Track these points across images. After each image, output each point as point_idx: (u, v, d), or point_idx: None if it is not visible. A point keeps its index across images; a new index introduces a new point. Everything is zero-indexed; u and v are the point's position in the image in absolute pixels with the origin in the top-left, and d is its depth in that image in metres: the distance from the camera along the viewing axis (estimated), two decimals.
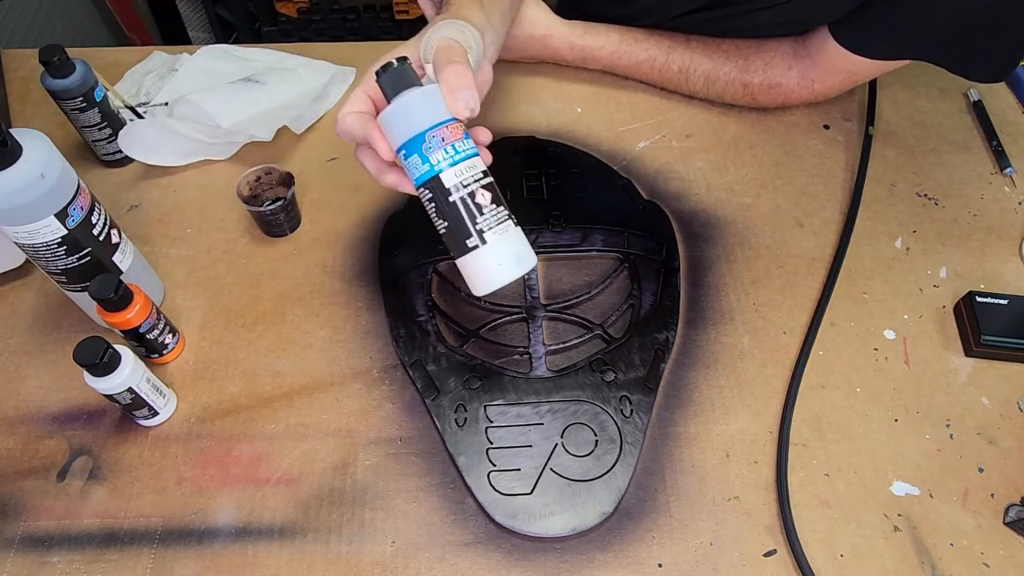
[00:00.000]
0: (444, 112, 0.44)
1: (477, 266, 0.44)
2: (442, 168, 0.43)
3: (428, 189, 0.44)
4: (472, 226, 0.44)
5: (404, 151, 0.44)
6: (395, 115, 0.44)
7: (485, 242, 0.44)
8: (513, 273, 0.44)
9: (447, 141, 0.43)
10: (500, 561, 0.50)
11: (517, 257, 0.44)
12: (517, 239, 0.45)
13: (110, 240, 0.54)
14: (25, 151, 0.46)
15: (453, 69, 0.43)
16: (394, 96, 0.44)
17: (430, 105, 0.44)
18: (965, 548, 0.52)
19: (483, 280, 0.45)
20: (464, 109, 0.43)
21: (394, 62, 0.44)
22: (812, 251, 0.66)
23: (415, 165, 0.44)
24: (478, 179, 0.44)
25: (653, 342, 0.59)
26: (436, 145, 0.43)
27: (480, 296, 0.45)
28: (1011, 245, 0.68)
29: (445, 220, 0.45)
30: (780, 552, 0.51)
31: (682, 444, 0.55)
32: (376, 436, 0.55)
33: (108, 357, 0.48)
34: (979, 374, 0.60)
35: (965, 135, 0.76)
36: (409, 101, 0.44)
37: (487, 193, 0.44)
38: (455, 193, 0.44)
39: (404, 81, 0.44)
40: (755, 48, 0.73)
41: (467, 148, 0.44)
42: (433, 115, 0.43)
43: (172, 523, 0.51)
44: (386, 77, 0.44)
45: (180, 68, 0.77)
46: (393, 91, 0.44)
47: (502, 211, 0.45)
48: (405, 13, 1.69)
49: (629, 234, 0.65)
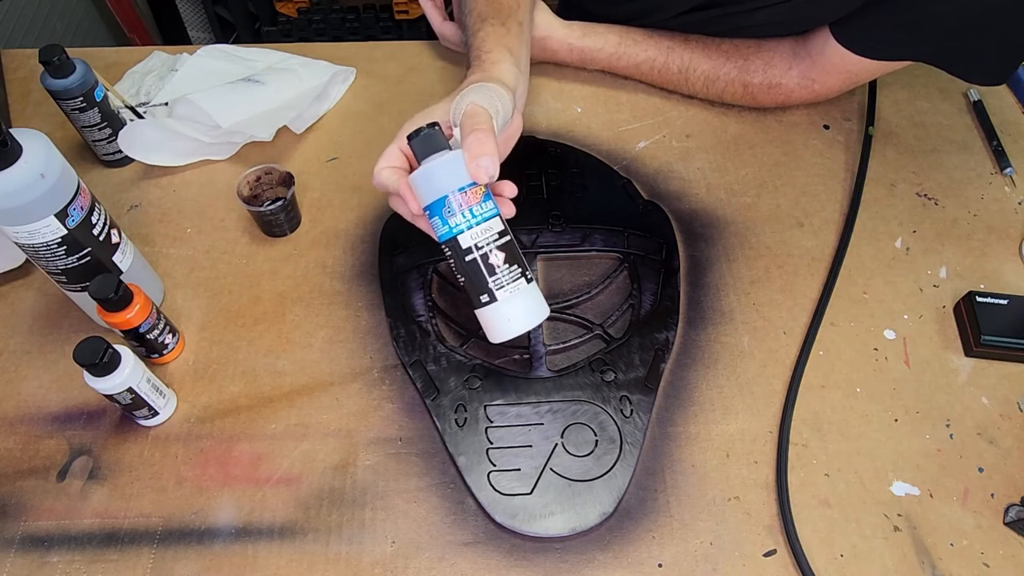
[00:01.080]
0: (465, 177, 0.47)
1: (491, 319, 0.49)
2: (460, 230, 0.47)
3: (448, 247, 0.49)
4: (484, 284, 0.48)
5: (429, 211, 0.48)
6: (422, 179, 0.48)
7: (496, 299, 0.48)
8: (522, 327, 0.49)
9: (465, 205, 0.47)
10: (500, 561, 0.50)
11: (526, 313, 0.49)
12: (528, 296, 0.49)
13: (110, 240, 0.54)
14: (25, 151, 0.46)
15: (476, 137, 0.46)
16: (422, 159, 0.48)
17: (452, 171, 0.47)
18: (965, 548, 0.52)
19: (495, 331, 0.49)
20: (483, 176, 0.46)
21: (424, 128, 0.48)
22: (812, 251, 0.66)
23: (437, 225, 0.48)
24: (493, 240, 0.48)
25: (653, 342, 0.59)
26: (455, 209, 0.47)
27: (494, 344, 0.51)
28: (1011, 245, 0.68)
29: (462, 276, 0.49)
30: (780, 552, 0.51)
31: (682, 444, 0.55)
32: (376, 436, 0.55)
33: (108, 357, 0.48)
34: (979, 374, 0.60)
35: (965, 135, 0.76)
36: (434, 167, 0.47)
37: (501, 253, 0.48)
38: (470, 254, 0.48)
39: (432, 146, 0.48)
40: (755, 48, 0.73)
41: (485, 211, 0.48)
42: (454, 181, 0.47)
43: (172, 523, 0.51)
44: (416, 142, 0.48)
45: (180, 68, 0.77)
46: (422, 154, 0.48)
47: (515, 270, 0.48)
48: (405, 13, 1.69)
49: (629, 234, 0.65)
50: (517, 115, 0.55)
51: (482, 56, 0.56)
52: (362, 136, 0.74)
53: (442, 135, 0.48)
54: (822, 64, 0.70)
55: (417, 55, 0.82)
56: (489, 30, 0.59)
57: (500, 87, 0.51)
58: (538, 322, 0.50)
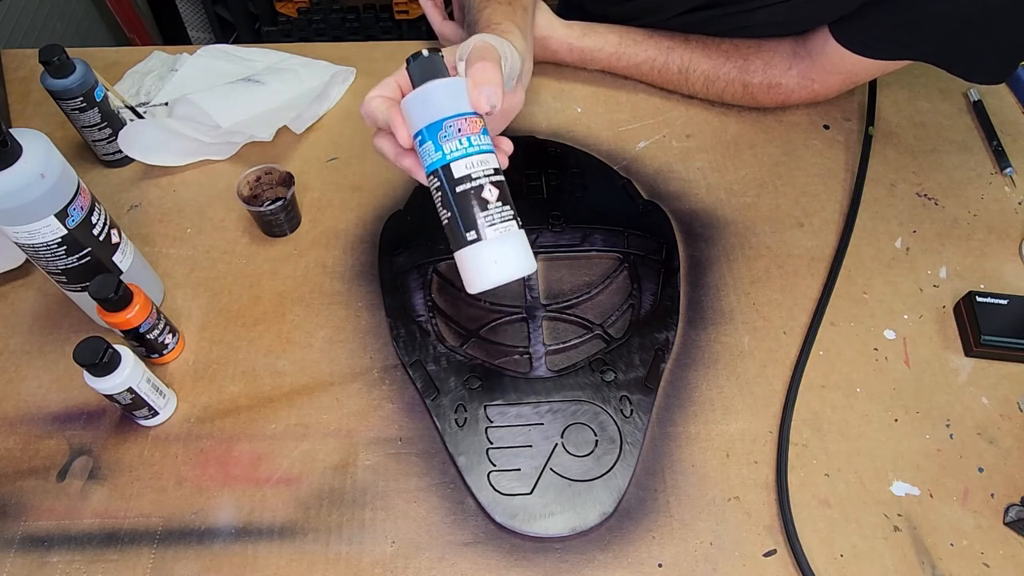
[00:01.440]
0: (465, 104, 0.44)
1: (474, 260, 0.44)
2: (454, 157, 0.43)
3: (437, 177, 0.44)
4: (474, 220, 0.44)
5: (420, 137, 0.44)
6: (417, 100, 0.45)
7: (484, 238, 0.43)
8: (509, 274, 0.44)
9: (463, 133, 0.44)
10: (500, 561, 0.50)
11: (515, 258, 0.44)
12: (518, 241, 0.45)
13: (110, 240, 0.54)
14: (25, 151, 0.46)
15: (482, 65, 0.44)
16: (420, 83, 0.45)
17: (452, 95, 0.44)
18: (965, 548, 0.52)
19: (477, 277, 0.44)
20: (485, 103, 0.44)
21: (425, 51, 0.45)
22: (812, 251, 0.66)
23: (428, 152, 0.44)
24: (488, 175, 0.44)
25: (653, 342, 0.59)
26: (452, 135, 0.44)
27: (473, 294, 0.45)
28: (1011, 245, 0.68)
29: (448, 210, 0.44)
30: (780, 552, 0.51)
31: (682, 444, 0.55)
32: (376, 436, 0.55)
33: (108, 357, 0.48)
34: (979, 374, 0.60)
35: (965, 135, 0.76)
36: (432, 88, 0.44)
37: (495, 190, 0.44)
38: (462, 184, 0.44)
39: (432, 71, 0.45)
40: (755, 48, 0.73)
41: (482, 143, 0.45)
42: (454, 105, 0.44)
43: (172, 523, 0.51)
44: (415, 65, 0.45)
45: (180, 68, 0.77)
46: (420, 79, 0.45)
47: (507, 211, 0.44)
48: (405, 13, 1.69)
49: (629, 234, 0.65)
50: (520, 89, 0.53)
51: (492, 26, 0.55)
52: (362, 136, 0.74)
53: (443, 63, 0.46)
54: (822, 64, 0.70)
55: None
56: (496, 7, 0.57)
57: (509, 44, 0.50)
58: (525, 273, 0.45)
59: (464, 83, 0.45)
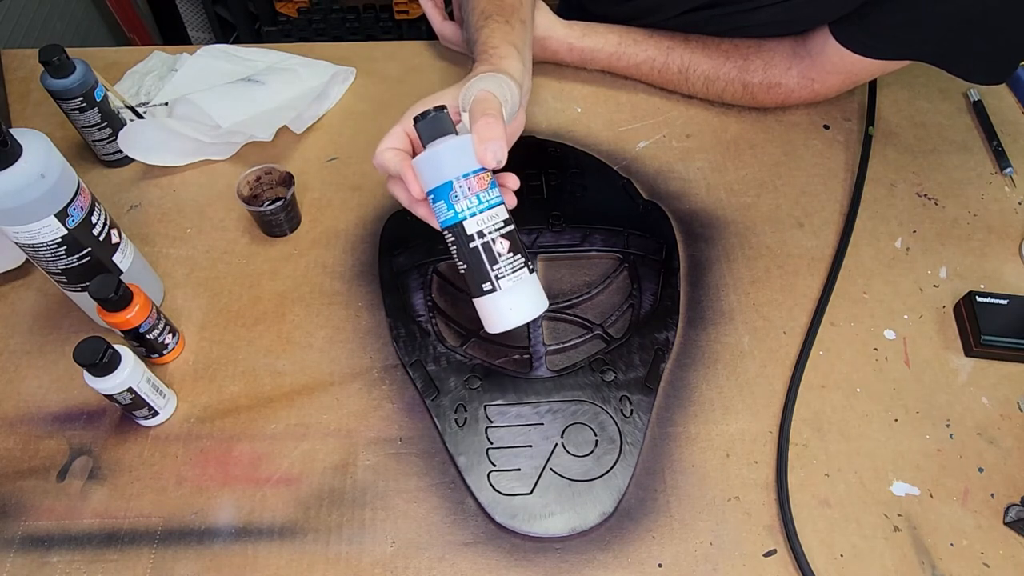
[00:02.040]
0: (473, 162, 0.47)
1: (491, 308, 0.49)
2: (465, 216, 0.47)
3: (451, 233, 0.48)
4: (488, 273, 0.48)
5: (433, 195, 0.47)
6: (427, 162, 0.47)
7: (499, 288, 0.48)
8: (523, 318, 0.49)
9: (473, 191, 0.47)
10: (500, 561, 0.50)
11: (528, 304, 0.49)
12: (530, 287, 0.49)
13: (110, 240, 0.54)
14: (25, 151, 0.46)
15: (486, 121, 0.46)
16: (428, 142, 0.47)
17: (460, 155, 0.46)
18: (965, 548, 0.52)
19: (495, 321, 0.49)
20: (492, 160, 0.46)
21: (432, 111, 0.47)
22: (812, 251, 0.66)
23: (441, 210, 0.48)
24: (499, 228, 0.48)
25: (653, 342, 0.59)
26: (462, 194, 0.47)
27: (492, 334, 0.50)
28: (1011, 245, 0.68)
29: (464, 263, 0.48)
30: (780, 552, 0.51)
31: (682, 444, 0.55)
32: (376, 436, 0.55)
33: (108, 357, 0.48)
34: (979, 374, 0.60)
35: (965, 135, 0.76)
36: (441, 151, 0.46)
37: (506, 242, 0.48)
38: (476, 240, 0.47)
39: (439, 129, 0.47)
40: (755, 48, 0.73)
41: (491, 198, 0.48)
42: (462, 165, 0.47)
43: (172, 523, 0.51)
44: (423, 124, 0.47)
45: (180, 68, 0.77)
46: (428, 138, 0.47)
47: (518, 259, 0.48)
48: (405, 13, 1.69)
49: (629, 234, 0.65)
50: (521, 111, 0.55)
51: (489, 51, 0.56)
52: (362, 136, 0.74)
53: (449, 119, 0.48)
54: (822, 64, 0.70)
55: (417, 55, 0.82)
56: (494, 27, 0.59)
57: (508, 79, 0.51)
58: (538, 314, 0.49)
59: (470, 140, 0.46)
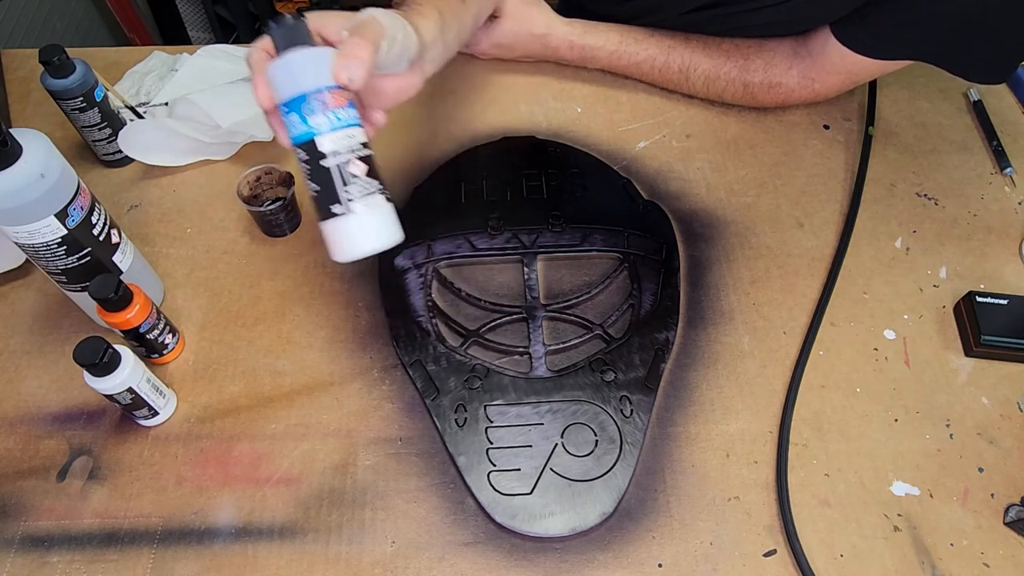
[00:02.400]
0: (331, 77, 0.43)
1: (340, 233, 0.45)
2: (320, 132, 0.43)
3: (304, 150, 0.44)
4: (341, 193, 0.44)
5: (287, 107, 0.44)
6: (280, 69, 0.43)
7: (350, 211, 0.44)
8: (374, 246, 0.45)
9: (329, 107, 0.43)
10: (500, 561, 0.50)
11: (380, 231, 0.45)
12: (385, 214, 0.45)
13: (110, 240, 0.54)
14: (25, 151, 0.46)
15: (356, 41, 0.43)
16: (283, 50, 0.43)
17: (317, 67, 0.43)
18: (965, 548, 0.52)
19: (344, 248, 0.45)
20: (345, 76, 0.42)
21: (290, 17, 0.43)
22: (812, 251, 0.66)
23: (294, 123, 0.44)
24: (355, 149, 0.44)
25: (653, 342, 0.59)
26: (317, 109, 0.43)
27: (339, 262, 0.46)
28: (1011, 245, 0.68)
29: (316, 183, 0.44)
30: (780, 552, 0.51)
31: (682, 444, 0.55)
32: (376, 436, 0.55)
33: (108, 357, 0.48)
34: (979, 374, 0.60)
35: (965, 135, 0.76)
36: (297, 59, 0.43)
37: (362, 165, 0.44)
38: (329, 159, 0.44)
39: (294, 38, 0.43)
40: (755, 48, 0.73)
41: (349, 117, 0.44)
42: (319, 78, 0.43)
43: (172, 523, 0.51)
44: (277, 31, 0.43)
45: (180, 68, 0.77)
46: (283, 45, 0.44)
47: (374, 184, 0.45)
48: None
49: (629, 234, 0.65)
50: (417, 74, 0.51)
51: (409, 3, 0.53)
52: None
53: (307, 29, 0.44)
54: (822, 63, 0.70)
55: None
56: None
57: (408, 26, 0.48)
58: (391, 244, 0.45)
59: (330, 55, 0.43)
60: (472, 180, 0.69)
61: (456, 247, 0.64)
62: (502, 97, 0.77)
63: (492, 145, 0.72)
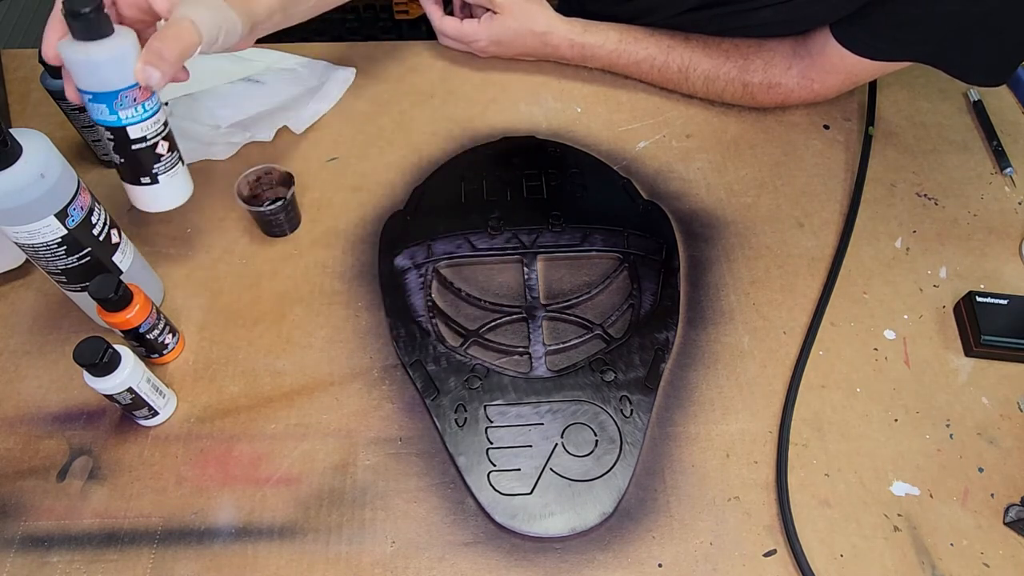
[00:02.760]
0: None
1: (146, 196, 0.53)
2: (130, 122, 0.48)
3: (111, 132, 0.49)
4: (150, 169, 0.51)
5: (91, 96, 0.47)
6: (82, 65, 0.45)
7: (158, 182, 0.52)
8: (175, 203, 0.54)
9: (138, 101, 0.48)
10: (500, 561, 0.50)
11: (179, 192, 0.55)
12: (182, 178, 0.54)
13: (110, 240, 0.54)
14: (25, 151, 0.46)
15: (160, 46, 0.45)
16: (81, 38, 0.44)
17: (124, 68, 0.46)
18: (965, 548, 0.52)
19: (147, 207, 0.54)
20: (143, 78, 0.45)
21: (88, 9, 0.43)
22: (812, 251, 0.66)
23: (102, 111, 0.47)
24: (160, 132, 0.51)
25: (653, 342, 0.59)
26: (127, 104, 0.47)
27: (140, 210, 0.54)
28: (1011, 245, 0.68)
29: (123, 158, 0.51)
30: (780, 552, 0.51)
31: (682, 444, 0.55)
32: (376, 436, 0.55)
33: (108, 357, 0.48)
34: (979, 374, 0.60)
35: (965, 135, 0.76)
36: (104, 63, 0.45)
37: (166, 143, 0.51)
38: (139, 144, 0.50)
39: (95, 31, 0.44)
40: (755, 48, 0.73)
41: (154, 105, 0.49)
42: (128, 75, 0.46)
43: (172, 523, 0.51)
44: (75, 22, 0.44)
45: None
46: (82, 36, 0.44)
47: (175, 156, 0.53)
48: (405, 13, 1.69)
49: (629, 234, 0.65)
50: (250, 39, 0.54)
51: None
52: (362, 136, 0.74)
53: (108, 20, 0.45)
54: (822, 64, 0.70)
55: (417, 55, 0.82)
56: None
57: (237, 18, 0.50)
58: (185, 200, 0.55)
59: (132, 54, 0.45)
60: (472, 180, 0.69)
61: (456, 247, 0.64)
62: (502, 97, 0.77)
63: (492, 145, 0.72)
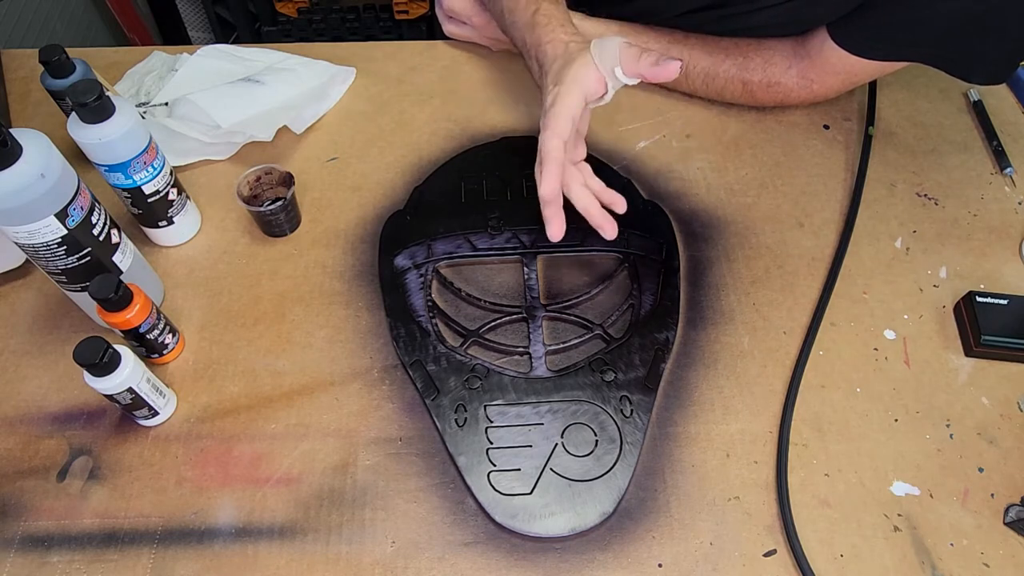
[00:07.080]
0: (144, 140, 0.54)
1: (165, 237, 0.64)
2: (144, 182, 0.57)
3: (128, 192, 0.57)
4: (165, 214, 0.61)
5: (107, 168, 0.55)
6: (98, 147, 0.53)
7: (173, 223, 0.62)
8: (189, 236, 0.65)
9: (147, 163, 0.56)
10: (500, 561, 0.50)
11: (190, 228, 0.65)
12: (192, 214, 0.64)
13: (110, 240, 0.54)
14: (25, 151, 0.46)
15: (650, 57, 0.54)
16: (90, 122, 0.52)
17: (134, 140, 0.54)
18: (965, 548, 0.52)
19: (166, 243, 0.64)
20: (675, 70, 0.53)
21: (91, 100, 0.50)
22: (812, 251, 0.66)
23: (119, 178, 0.56)
24: (169, 182, 0.59)
25: (653, 342, 0.59)
26: (139, 168, 0.56)
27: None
28: (1011, 245, 0.68)
29: (140, 210, 0.60)
30: (780, 552, 0.51)
31: (682, 444, 0.55)
32: (376, 436, 0.55)
33: (108, 357, 0.48)
34: (979, 374, 0.60)
35: (965, 135, 0.76)
36: (115, 142, 0.53)
37: (175, 190, 0.60)
38: (153, 197, 0.59)
39: (101, 114, 0.52)
40: (755, 46, 0.73)
41: (161, 162, 0.58)
42: (137, 145, 0.54)
43: (172, 523, 0.51)
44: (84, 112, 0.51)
45: (180, 68, 0.77)
46: (91, 120, 0.52)
47: (183, 197, 0.62)
48: (405, 13, 1.69)
49: (629, 234, 0.65)
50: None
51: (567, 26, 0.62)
52: (362, 136, 0.74)
53: (110, 102, 0.52)
54: (821, 64, 0.70)
55: (417, 55, 0.82)
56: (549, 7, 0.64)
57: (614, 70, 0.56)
58: (198, 228, 0.65)
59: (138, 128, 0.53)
60: (472, 180, 0.69)
61: (456, 247, 0.64)
62: (502, 97, 0.77)
63: (492, 145, 0.72)
